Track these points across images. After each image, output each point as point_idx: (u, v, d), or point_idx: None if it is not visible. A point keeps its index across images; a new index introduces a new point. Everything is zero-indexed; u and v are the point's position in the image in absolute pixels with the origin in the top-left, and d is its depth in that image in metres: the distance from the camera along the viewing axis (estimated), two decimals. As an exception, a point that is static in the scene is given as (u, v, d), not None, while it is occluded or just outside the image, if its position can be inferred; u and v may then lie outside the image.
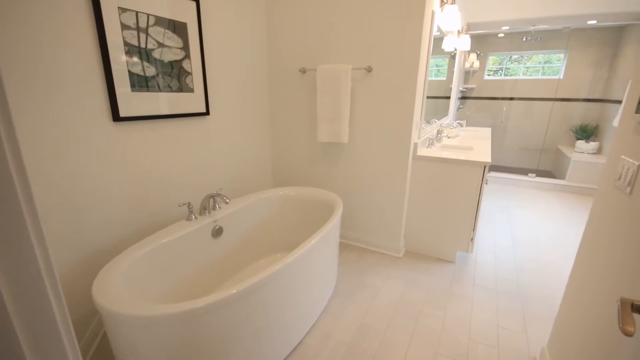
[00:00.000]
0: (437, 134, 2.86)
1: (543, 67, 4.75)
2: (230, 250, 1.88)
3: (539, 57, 4.75)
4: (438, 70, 2.88)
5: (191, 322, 1.02)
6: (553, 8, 3.63)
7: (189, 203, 1.65)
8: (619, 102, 3.87)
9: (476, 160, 2.06)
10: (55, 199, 1.30)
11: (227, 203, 1.64)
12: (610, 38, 4.16)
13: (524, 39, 4.61)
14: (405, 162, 2.18)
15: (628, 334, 0.56)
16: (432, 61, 2.26)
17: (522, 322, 1.72)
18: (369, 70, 2.10)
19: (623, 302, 0.60)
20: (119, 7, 1.39)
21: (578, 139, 4.37)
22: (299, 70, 2.34)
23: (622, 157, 0.99)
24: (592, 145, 4.09)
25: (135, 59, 1.49)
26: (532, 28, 4.06)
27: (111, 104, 1.43)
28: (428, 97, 2.40)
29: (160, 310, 0.98)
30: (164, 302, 1.42)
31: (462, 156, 2.17)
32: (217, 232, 1.75)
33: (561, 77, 4.57)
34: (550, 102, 4.68)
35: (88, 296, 1.47)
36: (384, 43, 2.02)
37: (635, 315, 0.62)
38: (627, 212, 0.93)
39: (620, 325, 0.57)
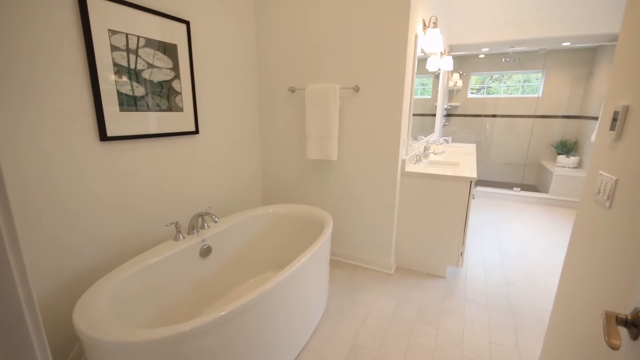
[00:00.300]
0: (424, 150, 2.92)
1: (523, 86, 4.96)
2: (219, 270, 1.84)
3: (518, 76, 4.97)
4: (423, 88, 2.97)
5: (177, 346, 0.98)
6: (529, 31, 3.84)
7: (177, 222, 1.62)
8: (596, 118, 4.06)
9: (463, 175, 2.11)
10: (37, 220, 1.26)
11: (215, 222, 1.61)
12: (585, 58, 4.40)
13: (503, 60, 4.84)
14: (394, 178, 2.20)
15: (614, 348, 0.57)
16: (417, 80, 2.34)
17: (513, 337, 1.72)
18: (357, 89, 2.16)
19: (607, 315, 0.61)
20: (109, 30, 1.40)
21: (559, 153, 4.53)
22: (288, 90, 2.39)
23: (600, 172, 1.03)
24: (573, 159, 4.24)
25: (125, 79, 1.50)
26: (510, 50, 4.27)
27: (99, 123, 1.42)
28: (414, 115, 2.47)
29: (145, 335, 0.94)
30: (151, 326, 1.37)
31: (449, 172, 2.21)
32: (206, 252, 1.72)
33: (540, 95, 4.77)
34: (531, 119, 4.87)
35: (70, 321, 1.41)
36: (370, 64, 2.09)
37: (621, 328, 0.63)
38: (607, 225, 0.96)
39: (606, 339, 0.57)
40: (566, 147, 4.51)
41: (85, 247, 1.45)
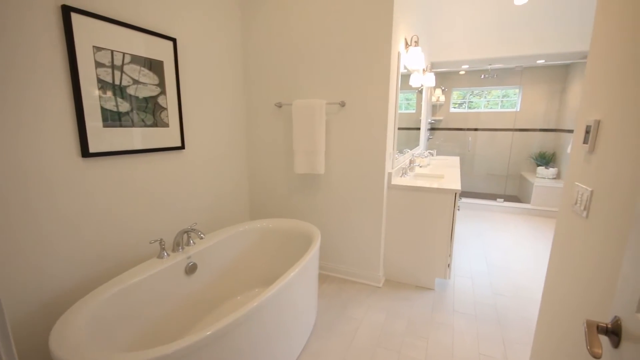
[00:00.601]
0: (410, 163, 2.98)
1: (502, 101, 5.17)
2: (206, 287, 1.79)
3: (497, 91, 5.18)
4: (408, 103, 3.06)
5: (160, 371, 0.94)
6: (505, 49, 4.06)
7: (161, 240, 1.58)
8: (571, 131, 4.24)
9: (448, 187, 2.15)
10: (14, 239, 1.21)
11: (202, 238, 1.58)
12: (559, 75, 4.63)
13: (482, 77, 5.05)
14: (380, 191, 2.23)
15: (596, 357, 0.58)
16: (401, 95, 2.41)
17: (502, 348, 1.72)
18: (342, 105, 2.20)
19: (589, 324, 0.62)
20: (94, 46, 1.40)
21: (538, 165, 4.69)
22: (275, 105, 2.41)
23: (577, 183, 1.07)
24: (552, 170, 4.39)
25: (109, 95, 1.48)
26: (488, 67, 4.46)
27: (81, 139, 1.39)
28: (400, 129, 2.52)
29: None
30: (133, 348, 1.32)
31: (435, 184, 2.25)
32: (191, 269, 1.68)
33: (518, 110, 4.98)
34: (511, 132, 5.05)
35: (47, 345, 1.33)
36: (355, 80, 2.14)
37: (602, 337, 0.65)
38: (585, 235, 0.99)
39: (589, 348, 0.59)
40: (545, 159, 4.68)
41: (66, 266, 1.39)
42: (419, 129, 3.97)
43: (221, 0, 2.18)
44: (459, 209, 2.15)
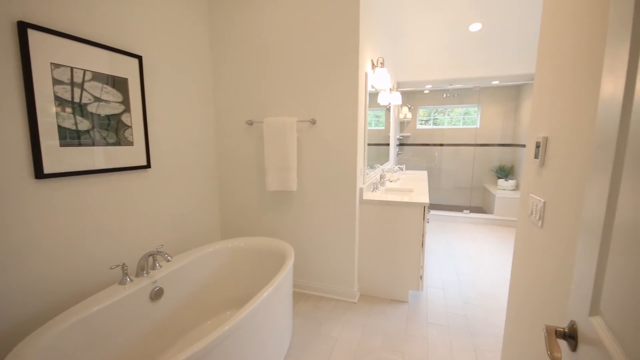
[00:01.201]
0: (381, 178, 3.06)
1: (463, 118, 5.50)
2: (173, 313, 1.69)
3: (459, 109, 5.51)
4: (378, 120, 3.17)
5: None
6: (463, 71, 4.40)
7: (123, 264, 1.49)
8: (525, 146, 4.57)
9: (417, 201, 2.22)
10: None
11: (168, 261, 1.51)
12: (512, 94, 5.03)
13: (444, 95, 5.37)
14: (353, 206, 2.26)
15: (556, 360, 0.61)
16: (371, 113, 2.49)
17: (474, 356, 1.76)
18: (313, 122, 2.23)
19: (548, 329, 0.66)
20: (52, 63, 1.33)
21: (499, 177, 4.99)
22: (246, 123, 2.40)
23: (531, 195, 1.15)
24: (511, 182, 4.68)
25: (67, 113, 1.41)
26: (450, 86, 4.76)
27: (35, 159, 1.30)
28: (370, 145, 2.60)
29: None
30: (87, 389, 1.20)
31: (405, 198, 2.32)
32: (157, 295, 1.58)
33: (478, 126, 5.31)
34: (473, 147, 5.36)
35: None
36: (325, 98, 2.19)
37: (561, 341, 0.68)
38: (541, 243, 1.06)
39: (549, 353, 0.62)
40: (504, 172, 4.99)
41: (17, 296, 1.26)
42: (388, 144, 4.10)
43: (189, 19, 2.18)
44: (428, 222, 2.22)
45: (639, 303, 0.43)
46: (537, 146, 1.10)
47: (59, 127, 1.38)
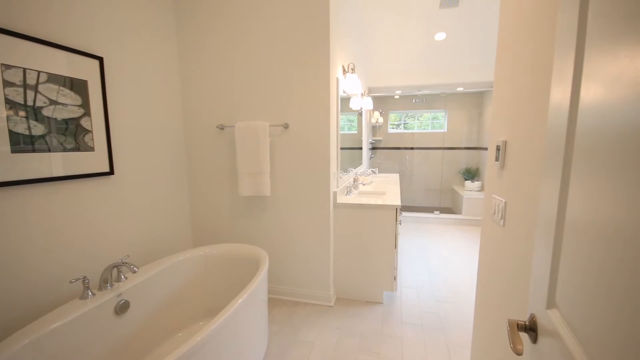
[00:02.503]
0: (354, 181, 3.10)
1: (432, 122, 5.71)
2: (141, 326, 1.61)
3: (427, 114, 5.72)
4: (350, 124, 3.21)
5: None
6: (430, 78, 4.62)
7: (84, 277, 1.39)
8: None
9: (390, 204, 2.27)
10: None
11: (134, 272, 1.43)
12: (476, 100, 5.30)
13: (413, 101, 5.57)
14: (327, 210, 2.27)
15: (518, 353, 0.64)
16: (344, 117, 2.53)
17: (447, 353, 1.82)
18: (286, 126, 2.23)
19: (510, 323, 0.70)
20: (2, 64, 1.24)
21: (466, 179, 5.22)
22: (217, 127, 2.35)
23: (493, 195, 1.21)
24: (477, 184, 4.91)
25: (20, 117, 1.31)
26: (418, 92, 4.95)
27: (-20, 167, 1.20)
28: (343, 149, 2.63)
29: None
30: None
31: (378, 201, 2.37)
32: (122, 308, 1.50)
33: (446, 130, 5.54)
34: (441, 151, 5.59)
35: None
36: (298, 103, 2.19)
37: (522, 334, 0.72)
38: (503, 241, 1.12)
39: (512, 346, 0.65)
40: (470, 174, 5.22)
41: (-48, 323, 1.14)
42: (361, 148, 4.17)
43: (154, 20, 2.11)
44: (400, 223, 2.28)
45: (590, 295, 0.47)
46: (498, 149, 1.16)
47: (10, 132, 1.28)
